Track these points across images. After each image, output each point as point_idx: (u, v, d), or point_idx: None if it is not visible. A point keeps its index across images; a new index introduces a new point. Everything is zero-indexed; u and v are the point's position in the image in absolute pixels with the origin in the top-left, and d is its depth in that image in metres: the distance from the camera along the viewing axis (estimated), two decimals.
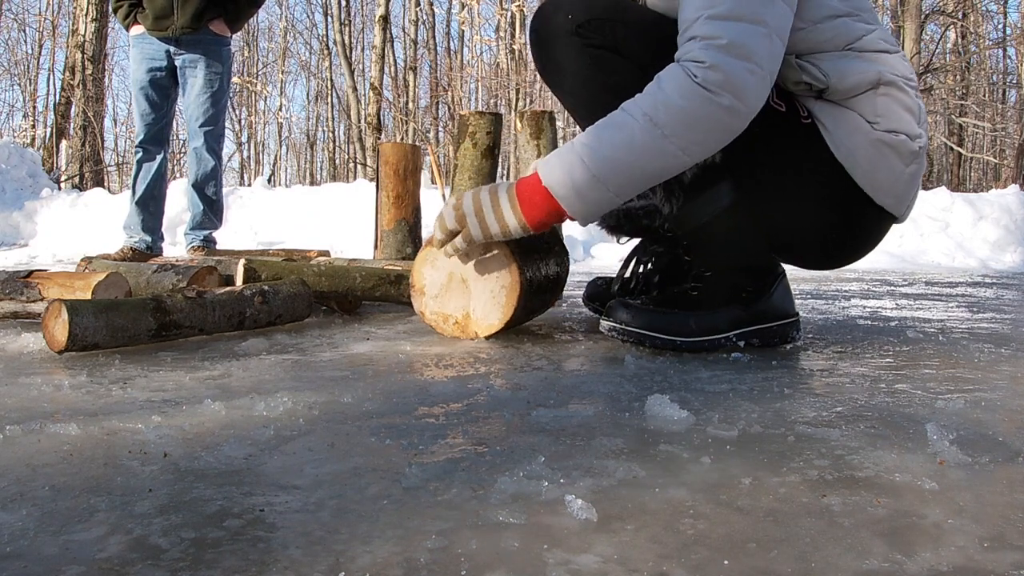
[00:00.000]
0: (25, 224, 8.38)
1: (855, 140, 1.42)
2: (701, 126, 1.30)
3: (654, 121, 1.29)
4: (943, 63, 16.93)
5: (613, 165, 1.32)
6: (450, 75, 21.82)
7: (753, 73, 1.29)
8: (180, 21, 3.66)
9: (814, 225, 1.52)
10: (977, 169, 20.61)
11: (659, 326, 1.47)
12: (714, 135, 1.32)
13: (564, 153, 1.36)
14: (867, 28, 1.44)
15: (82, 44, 12.01)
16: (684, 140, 1.30)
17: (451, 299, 1.61)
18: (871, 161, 1.43)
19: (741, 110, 1.30)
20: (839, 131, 1.43)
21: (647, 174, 1.35)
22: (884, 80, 1.40)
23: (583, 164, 1.33)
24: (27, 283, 1.75)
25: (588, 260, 6.02)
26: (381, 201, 2.95)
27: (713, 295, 1.51)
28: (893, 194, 1.46)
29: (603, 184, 1.33)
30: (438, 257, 1.60)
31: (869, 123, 1.41)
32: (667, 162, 1.33)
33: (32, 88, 23.13)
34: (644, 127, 1.30)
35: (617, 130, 1.32)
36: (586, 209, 1.38)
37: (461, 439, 0.88)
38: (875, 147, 1.42)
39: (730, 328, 1.51)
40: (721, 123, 1.31)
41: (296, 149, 31.64)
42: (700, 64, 1.28)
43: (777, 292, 1.55)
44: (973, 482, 0.74)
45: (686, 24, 1.34)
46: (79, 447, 0.84)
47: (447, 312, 1.62)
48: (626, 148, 1.31)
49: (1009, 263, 6.31)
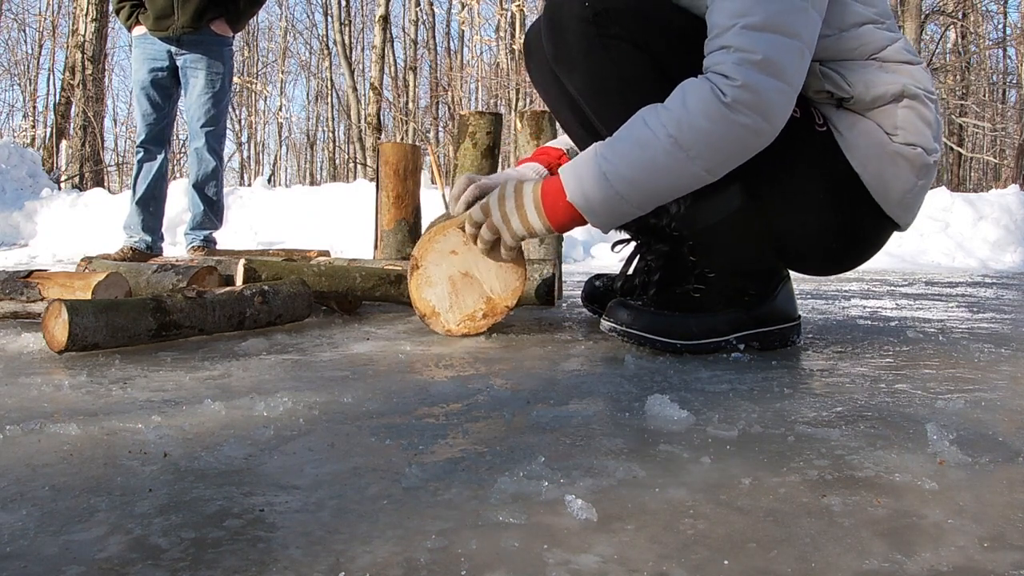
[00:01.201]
0: (25, 224, 8.38)
1: (872, 150, 1.42)
2: (727, 148, 1.30)
3: (679, 143, 1.29)
4: (943, 63, 16.94)
5: (636, 185, 1.34)
6: (450, 75, 21.83)
7: (783, 93, 1.28)
8: (181, 21, 3.66)
9: (821, 232, 1.52)
10: (977, 169, 20.62)
11: (660, 328, 1.46)
12: (738, 155, 1.33)
13: (586, 166, 1.37)
14: (892, 37, 1.43)
15: (82, 44, 12.01)
16: (709, 161, 1.31)
17: (466, 297, 1.61)
18: (885, 172, 1.42)
19: (767, 131, 1.30)
20: (857, 140, 1.42)
21: (670, 191, 1.37)
22: (908, 93, 1.40)
23: (606, 181, 1.34)
24: (27, 283, 1.75)
25: (588, 260, 6.02)
26: (381, 201, 2.96)
27: (715, 297, 1.50)
28: (903, 205, 1.47)
29: (626, 201, 1.35)
30: (425, 274, 1.61)
31: (888, 134, 1.41)
32: (691, 182, 1.35)
33: (32, 88, 23.14)
34: (668, 149, 1.29)
35: (640, 149, 1.32)
36: (609, 221, 1.41)
37: (461, 439, 0.88)
38: (891, 158, 1.41)
39: (731, 331, 1.50)
40: (746, 144, 1.31)
41: (296, 149, 31.66)
42: (731, 82, 1.26)
43: (780, 295, 1.55)
44: (973, 482, 0.74)
45: (717, 31, 1.31)
46: (79, 447, 0.84)
47: (471, 311, 1.61)
48: (650, 169, 1.32)
49: (1009, 263, 6.31)
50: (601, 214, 1.39)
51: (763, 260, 1.55)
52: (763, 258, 1.55)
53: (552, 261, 2.28)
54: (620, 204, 1.36)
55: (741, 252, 1.52)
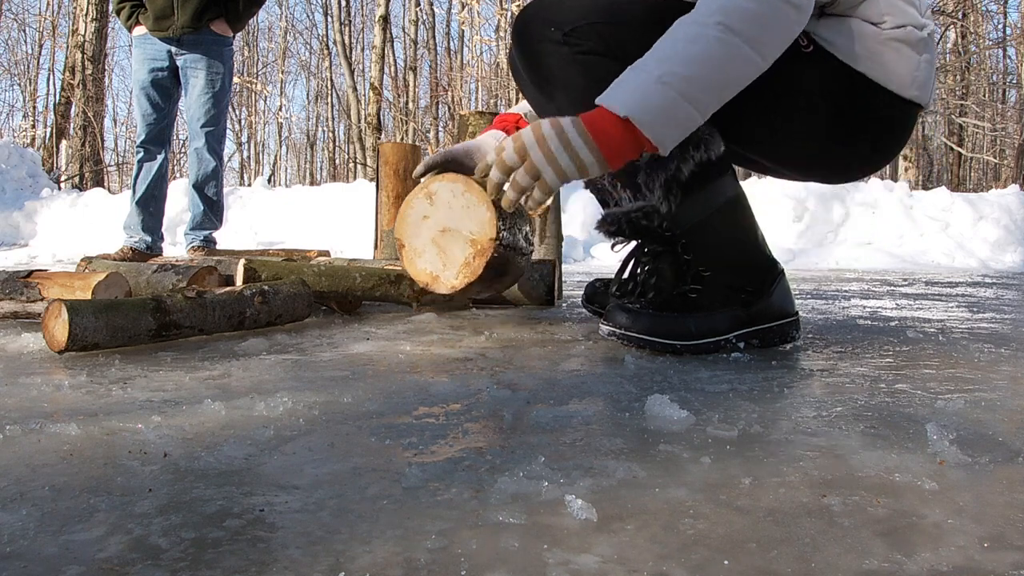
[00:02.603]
0: (25, 224, 8.38)
1: (866, 45, 1.44)
2: (773, 27, 1.31)
3: (730, 28, 1.27)
4: (943, 63, 16.92)
5: (696, 82, 1.28)
6: (450, 75, 21.82)
7: None
8: (181, 21, 3.66)
9: (845, 140, 1.54)
10: (977, 169, 20.61)
11: (659, 331, 1.46)
12: (782, 35, 1.33)
13: (635, 80, 1.30)
14: None
15: (82, 44, 12.01)
16: (760, 44, 1.30)
17: (453, 249, 1.54)
18: (887, 60, 1.45)
19: (804, 5, 1.31)
20: (848, 42, 1.44)
21: (728, 85, 1.32)
22: None
23: (662, 85, 1.27)
24: (27, 283, 1.75)
25: (588, 260, 6.02)
26: (381, 201, 2.96)
27: (712, 296, 1.50)
28: (916, 84, 1.48)
29: (688, 101, 1.28)
30: (411, 247, 1.57)
31: (876, 24, 1.43)
32: (747, 70, 1.32)
33: (32, 88, 23.14)
34: (720, 36, 1.27)
35: (692, 44, 1.28)
36: (672, 133, 1.31)
37: (461, 439, 0.88)
38: (887, 46, 1.43)
39: (730, 329, 1.50)
40: (789, 21, 1.32)
41: (296, 149, 31.67)
42: None
43: (777, 292, 1.55)
44: (973, 482, 0.74)
45: None
46: (79, 447, 0.84)
47: (462, 259, 1.54)
48: (706, 61, 1.28)
49: (1009, 263, 6.31)
50: (664, 125, 1.29)
51: (756, 254, 1.55)
52: (756, 252, 1.56)
53: (552, 261, 2.28)
54: (682, 108, 1.28)
55: (734, 246, 1.53)
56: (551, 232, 2.58)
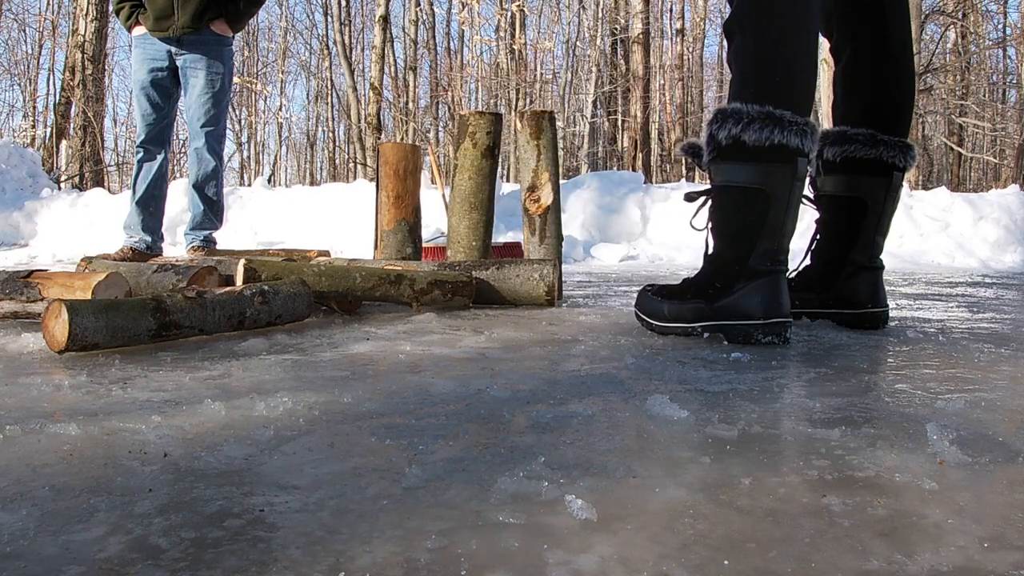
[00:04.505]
0: (25, 224, 8.38)
1: None
2: None
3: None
4: (943, 63, 16.91)
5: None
6: (450, 75, 21.81)
7: None
8: (180, 21, 3.66)
9: None
10: (977, 169, 20.59)
11: (646, 310, 1.74)
12: None
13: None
14: None
15: (82, 44, 12.01)
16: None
17: None
18: None
19: None
20: None
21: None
22: None
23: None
24: (27, 283, 1.75)
25: (588, 260, 6.01)
26: (381, 201, 2.95)
27: (690, 287, 1.69)
28: None
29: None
30: None
31: None
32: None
33: (32, 88, 23.12)
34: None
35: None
36: None
37: (461, 439, 0.88)
38: None
39: (695, 319, 1.66)
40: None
41: (296, 149, 31.64)
42: None
43: (740, 294, 1.61)
44: (973, 482, 0.74)
45: None
46: (79, 447, 0.84)
47: None
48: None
49: (1009, 263, 6.30)
50: None
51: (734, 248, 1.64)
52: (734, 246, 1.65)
53: (552, 261, 2.28)
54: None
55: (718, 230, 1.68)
56: (551, 232, 2.58)
